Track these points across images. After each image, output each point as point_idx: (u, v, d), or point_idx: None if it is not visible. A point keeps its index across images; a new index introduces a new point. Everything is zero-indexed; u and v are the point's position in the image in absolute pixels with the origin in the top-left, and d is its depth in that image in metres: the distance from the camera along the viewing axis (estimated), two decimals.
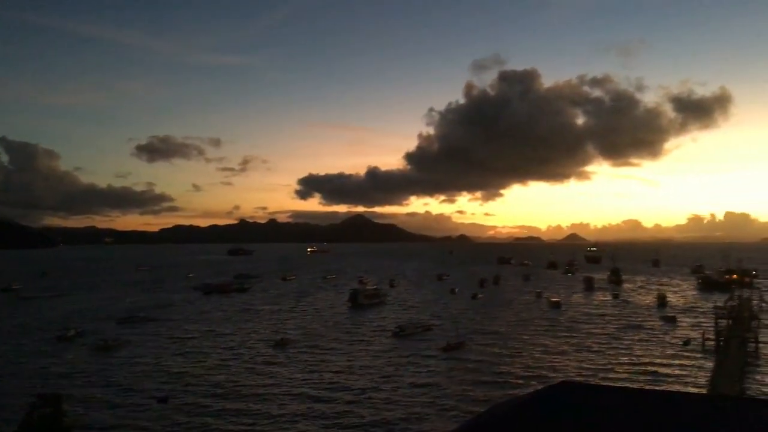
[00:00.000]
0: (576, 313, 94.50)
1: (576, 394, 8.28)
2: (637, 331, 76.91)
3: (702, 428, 7.18)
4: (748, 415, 7.60)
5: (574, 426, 7.34)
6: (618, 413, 7.59)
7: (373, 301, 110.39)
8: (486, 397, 45.03)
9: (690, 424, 7.28)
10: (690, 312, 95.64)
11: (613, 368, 55.64)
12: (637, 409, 7.69)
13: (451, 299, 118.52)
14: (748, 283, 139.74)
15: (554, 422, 7.43)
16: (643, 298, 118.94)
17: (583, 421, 7.42)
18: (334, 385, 50.20)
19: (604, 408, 7.74)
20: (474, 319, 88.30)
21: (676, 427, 7.20)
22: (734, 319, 67.96)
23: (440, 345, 66.60)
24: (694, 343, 66.67)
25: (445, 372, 54.65)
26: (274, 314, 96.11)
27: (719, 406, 8.12)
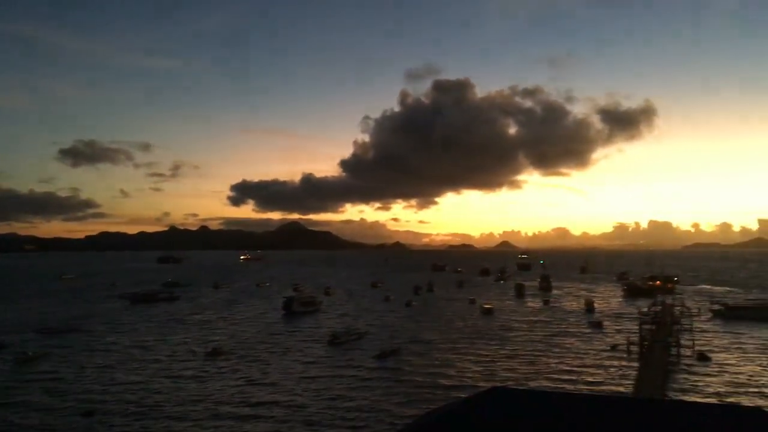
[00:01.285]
0: (508, 320, 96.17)
1: (507, 399, 8.29)
2: (565, 336, 78.81)
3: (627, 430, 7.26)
4: (671, 417, 7.79)
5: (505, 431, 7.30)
6: (548, 417, 7.63)
7: (307, 309, 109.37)
8: (420, 404, 45.02)
9: (616, 426, 7.37)
10: (616, 317, 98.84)
11: (543, 373, 56.75)
12: (566, 413, 7.75)
13: (385, 306, 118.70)
14: (671, 289, 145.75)
15: (485, 428, 7.37)
16: (572, 304, 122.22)
17: (513, 426, 7.40)
18: (266, 397, 49.15)
19: (535, 412, 7.77)
20: (408, 327, 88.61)
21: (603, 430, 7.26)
22: (657, 324, 70.45)
23: (375, 353, 66.42)
24: (619, 347, 68.80)
25: (379, 380, 54.44)
26: (205, 324, 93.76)
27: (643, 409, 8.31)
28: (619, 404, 9.07)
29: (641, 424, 7.47)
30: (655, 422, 7.52)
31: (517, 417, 7.69)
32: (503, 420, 7.55)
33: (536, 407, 8.10)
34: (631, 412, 8.04)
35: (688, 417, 7.85)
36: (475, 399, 8.35)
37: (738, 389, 50.34)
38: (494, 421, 7.53)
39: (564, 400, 9.09)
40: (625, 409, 8.31)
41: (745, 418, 7.60)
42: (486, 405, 8.06)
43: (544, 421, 7.58)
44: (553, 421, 7.60)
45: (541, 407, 8.11)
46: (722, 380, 53.57)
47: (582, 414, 7.81)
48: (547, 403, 8.48)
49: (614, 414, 7.90)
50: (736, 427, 7.28)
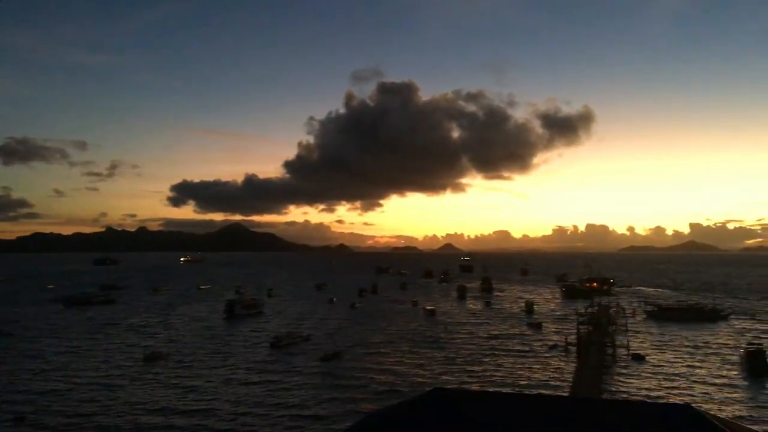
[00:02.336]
0: (450, 321, 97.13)
1: (448, 400, 8.38)
2: (506, 337, 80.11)
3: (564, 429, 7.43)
4: (606, 415, 8.03)
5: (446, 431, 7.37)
6: (487, 417, 7.75)
7: (250, 312, 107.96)
8: (362, 407, 45.03)
9: (554, 425, 7.54)
10: (555, 318, 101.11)
11: (483, 374, 57.53)
12: (506, 413, 7.89)
13: (329, 309, 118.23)
14: (607, 290, 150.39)
15: (425, 429, 7.44)
16: (513, 305, 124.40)
17: (453, 427, 7.48)
18: (205, 404, 48.18)
19: (475, 413, 7.88)
20: (352, 329, 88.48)
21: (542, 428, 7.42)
22: (594, 325, 72.43)
23: (318, 355, 66.06)
24: (558, 348, 70.42)
25: (321, 383, 54.13)
26: (143, 327, 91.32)
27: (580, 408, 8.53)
28: (558, 403, 9.30)
29: (578, 422, 7.67)
30: (591, 421, 7.74)
31: (457, 418, 7.78)
32: (443, 421, 7.62)
33: (476, 408, 8.22)
34: (568, 411, 8.25)
35: (622, 415, 8.11)
36: (416, 400, 8.41)
37: (669, 386, 52.19)
38: (434, 422, 7.60)
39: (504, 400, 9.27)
40: (563, 409, 8.52)
41: (675, 415, 7.89)
42: (426, 406, 8.12)
43: (483, 422, 7.70)
44: (492, 421, 7.73)
45: (481, 408, 8.24)
46: (655, 378, 55.43)
47: (521, 414, 7.97)
48: (487, 403, 8.63)
49: (552, 413, 8.09)
50: (667, 424, 7.55)
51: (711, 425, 7.26)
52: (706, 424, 7.33)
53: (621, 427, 7.52)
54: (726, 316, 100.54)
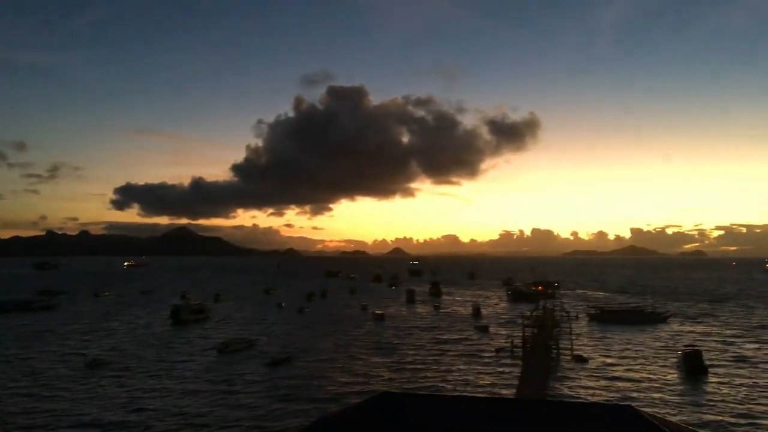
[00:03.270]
0: (399, 325, 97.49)
1: (395, 403, 8.45)
2: (454, 341, 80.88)
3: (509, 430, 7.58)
4: (550, 416, 8.23)
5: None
6: (435, 420, 7.84)
7: (196, 317, 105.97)
8: (310, 412, 44.75)
9: (500, 427, 7.68)
10: (501, 321, 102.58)
11: (431, 378, 57.93)
12: (453, 415, 8.00)
13: (277, 314, 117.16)
14: (552, 294, 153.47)
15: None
16: (460, 309, 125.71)
17: (401, 430, 7.53)
18: (149, 414, 47.04)
19: (422, 416, 7.97)
20: (301, 334, 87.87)
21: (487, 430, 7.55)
22: (539, 328, 73.75)
23: (265, 361, 65.36)
24: (504, 351, 71.46)
25: (269, 389, 53.56)
26: (84, 334, 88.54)
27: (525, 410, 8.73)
28: (503, 405, 9.48)
29: (523, 424, 7.84)
30: (535, 422, 7.93)
31: (405, 421, 7.85)
32: (391, 424, 7.68)
33: (424, 411, 8.31)
34: (513, 413, 8.43)
35: (565, 416, 8.33)
36: (364, 405, 8.45)
37: (611, 387, 53.58)
38: (382, 425, 7.65)
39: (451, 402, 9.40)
40: (508, 410, 8.70)
41: (617, 415, 8.14)
42: (374, 410, 8.17)
43: (430, 425, 7.79)
44: (439, 423, 7.83)
45: (429, 411, 8.33)
46: (597, 379, 56.83)
47: (467, 416, 8.10)
48: (434, 406, 8.73)
49: (498, 415, 8.25)
50: (609, 424, 7.78)
51: (650, 425, 7.52)
52: (645, 424, 7.59)
53: (564, 428, 7.73)
54: (665, 319, 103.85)
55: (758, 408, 46.69)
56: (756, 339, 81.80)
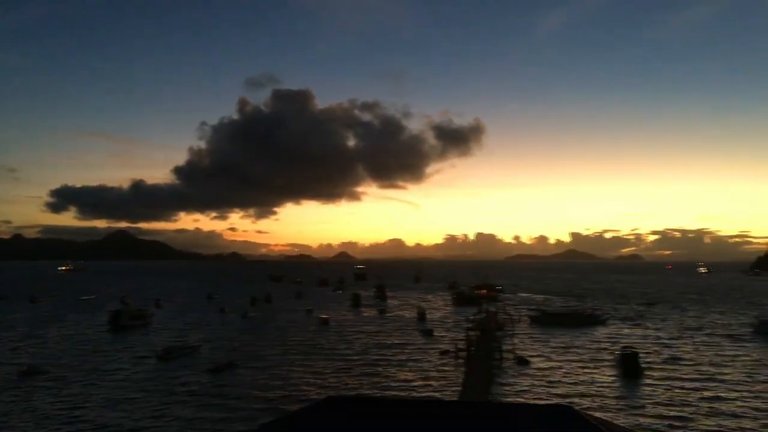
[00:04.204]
0: (344, 330, 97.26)
1: (342, 408, 8.45)
2: (399, 344, 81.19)
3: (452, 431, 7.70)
4: (492, 417, 8.38)
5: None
6: (381, 423, 7.88)
7: (136, 323, 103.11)
8: (255, 418, 44.15)
9: (444, 429, 7.78)
10: (446, 325, 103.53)
11: (377, 381, 58.00)
12: (399, 419, 8.06)
13: (221, 319, 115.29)
14: (495, 297, 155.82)
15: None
16: (406, 313, 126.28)
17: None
18: (86, 425, 45.50)
19: (368, 419, 8.00)
20: (244, 339, 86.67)
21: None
22: (482, 331, 74.73)
23: (208, 367, 64.16)
24: (449, 354, 72.11)
25: (212, 395, 52.58)
26: (18, 341, 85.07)
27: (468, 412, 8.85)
28: (447, 408, 9.61)
29: (466, 425, 7.97)
30: (477, 423, 8.06)
31: (350, 425, 7.88)
32: (337, 429, 7.69)
33: (370, 414, 8.34)
34: (457, 415, 8.54)
35: (507, 417, 8.51)
36: (310, 409, 8.44)
37: (551, 389, 54.72)
38: (328, 430, 7.64)
39: (396, 406, 9.46)
40: (451, 412, 8.81)
41: (556, 415, 8.35)
42: (320, 415, 8.16)
43: (377, 428, 7.83)
44: (385, 426, 7.88)
45: (375, 414, 8.37)
46: (539, 381, 57.96)
47: (413, 419, 8.17)
48: (380, 409, 8.78)
49: (442, 417, 8.36)
50: (548, 424, 7.98)
51: (589, 425, 7.75)
52: (584, 424, 7.82)
53: (505, 429, 7.89)
54: (603, 321, 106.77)
55: (690, 408, 48.47)
56: (689, 340, 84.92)
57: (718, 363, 66.93)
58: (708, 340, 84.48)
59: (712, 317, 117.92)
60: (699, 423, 43.74)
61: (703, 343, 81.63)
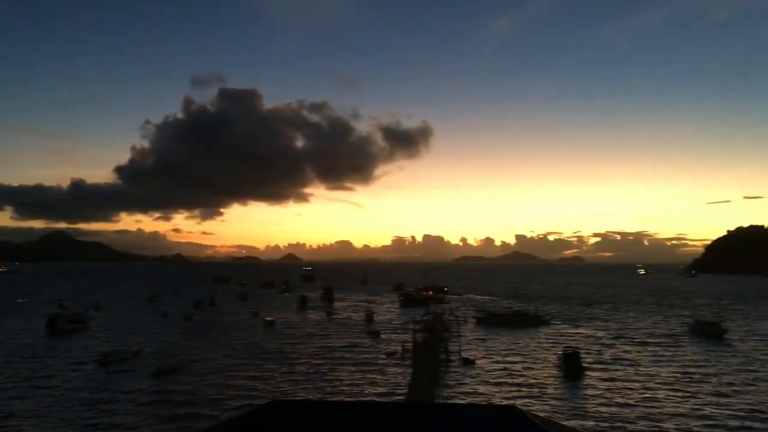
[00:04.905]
0: (291, 332, 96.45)
1: (286, 411, 8.34)
2: (346, 346, 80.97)
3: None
4: (437, 418, 8.37)
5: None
6: (326, 426, 7.77)
7: (75, 327, 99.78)
8: (198, 423, 43.28)
9: (389, 430, 7.71)
10: (393, 326, 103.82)
11: (323, 384, 57.64)
12: (345, 421, 7.95)
13: (163, 322, 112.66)
14: (441, 298, 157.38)
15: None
16: (353, 314, 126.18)
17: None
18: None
19: (312, 422, 7.88)
20: (187, 343, 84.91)
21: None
22: (429, 332, 75.27)
23: (150, 371, 62.59)
24: (396, 355, 72.32)
25: (154, 400, 51.24)
26: None
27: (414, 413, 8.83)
28: (392, 409, 9.55)
29: (411, 427, 7.91)
30: (423, 424, 8.02)
31: (295, 429, 7.73)
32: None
33: (314, 418, 8.22)
34: (402, 416, 8.50)
35: (452, 417, 8.49)
36: (254, 413, 8.25)
37: (496, 389, 55.45)
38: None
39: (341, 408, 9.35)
40: (397, 414, 8.76)
41: (501, 415, 8.38)
42: (265, 418, 8.00)
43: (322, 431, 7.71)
44: (330, 430, 7.76)
45: (320, 417, 8.25)
46: (484, 382, 58.65)
47: (357, 421, 8.07)
48: (325, 412, 8.66)
49: (388, 419, 8.29)
50: (493, 424, 7.99)
51: (532, 424, 7.79)
52: (528, 423, 7.86)
53: (450, 430, 7.86)
54: (547, 321, 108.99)
55: (629, 407, 49.85)
56: (629, 340, 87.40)
57: (656, 362, 69.07)
58: (646, 340, 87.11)
59: (651, 318, 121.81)
60: (638, 421, 44.99)
61: (641, 343, 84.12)
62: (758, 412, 47.09)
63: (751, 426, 42.90)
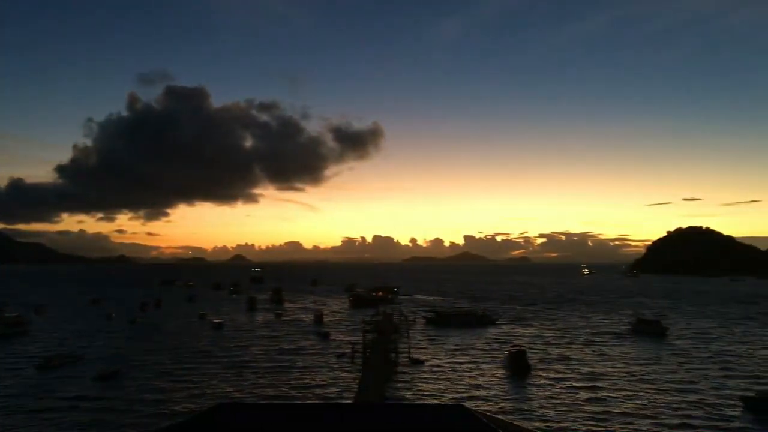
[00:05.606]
0: (238, 334, 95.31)
1: (233, 414, 8.25)
2: (295, 348, 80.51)
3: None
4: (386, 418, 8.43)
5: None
6: (273, 429, 7.73)
7: (13, 331, 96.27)
8: (144, 427, 42.34)
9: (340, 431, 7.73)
10: (343, 327, 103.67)
11: (272, 386, 57.21)
12: (293, 423, 7.93)
13: (107, 325, 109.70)
14: (391, 299, 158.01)
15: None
16: (303, 316, 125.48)
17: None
18: None
19: (261, 425, 7.82)
20: (132, 346, 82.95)
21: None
22: (379, 333, 75.46)
23: (92, 376, 60.91)
24: (345, 356, 72.25)
25: (96, 407, 49.90)
26: None
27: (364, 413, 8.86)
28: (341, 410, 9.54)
29: (360, 427, 7.94)
30: (372, 425, 8.06)
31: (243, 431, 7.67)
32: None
33: (262, 420, 8.16)
34: (351, 417, 8.51)
35: (401, 417, 8.56)
36: (200, 417, 8.14)
37: (445, 388, 56.02)
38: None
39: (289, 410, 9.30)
40: (346, 415, 8.77)
41: (449, 414, 8.49)
42: (211, 421, 7.90)
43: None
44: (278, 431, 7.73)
45: (268, 420, 8.20)
46: (433, 381, 59.19)
47: (306, 423, 8.06)
48: (272, 414, 8.60)
49: (336, 420, 8.29)
50: (441, 423, 8.09)
51: (480, 422, 7.92)
52: (475, 422, 7.99)
53: (400, 429, 7.93)
54: (494, 321, 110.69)
55: (575, 404, 51.07)
56: (574, 338, 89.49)
57: (600, 361, 70.86)
58: (590, 339, 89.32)
59: (594, 316, 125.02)
60: (584, 420, 46.11)
61: (586, 341, 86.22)
62: (698, 409, 48.85)
63: (691, 424, 44.38)
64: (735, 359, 71.43)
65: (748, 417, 45.79)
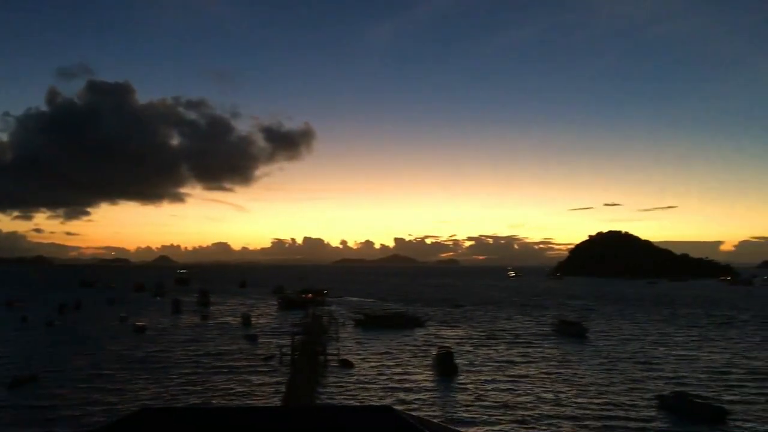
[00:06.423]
0: (163, 338, 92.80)
1: (156, 419, 8.00)
2: (222, 351, 79.05)
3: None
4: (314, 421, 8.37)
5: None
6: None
7: None
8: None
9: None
10: (271, 330, 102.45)
11: (197, 390, 56.04)
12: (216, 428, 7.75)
13: (22, 328, 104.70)
14: (321, 301, 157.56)
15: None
16: (230, 319, 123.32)
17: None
18: None
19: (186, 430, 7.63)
20: (50, 350, 79.48)
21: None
22: (308, 335, 75.06)
23: (5, 382, 57.98)
24: (273, 359, 71.50)
25: (9, 415, 47.53)
26: None
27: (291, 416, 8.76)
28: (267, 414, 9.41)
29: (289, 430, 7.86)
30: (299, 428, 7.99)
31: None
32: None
33: (186, 425, 7.95)
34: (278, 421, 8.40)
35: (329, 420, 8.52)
36: (122, 422, 7.87)
37: (374, 390, 56.21)
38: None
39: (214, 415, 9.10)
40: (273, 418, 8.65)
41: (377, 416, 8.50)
42: (133, 427, 7.66)
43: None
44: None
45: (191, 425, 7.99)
46: (361, 383, 59.31)
47: (233, 427, 7.91)
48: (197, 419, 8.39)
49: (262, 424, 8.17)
50: (369, 426, 8.11)
51: (407, 424, 7.97)
52: (403, 423, 8.03)
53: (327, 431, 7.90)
54: (423, 323, 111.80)
55: (501, 405, 52.22)
56: (500, 340, 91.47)
57: (525, 362, 72.60)
58: (516, 340, 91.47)
59: (520, 318, 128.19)
60: (510, 417, 47.20)
61: (511, 343, 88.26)
62: (617, 410, 50.75)
63: (611, 425, 45.93)
64: (652, 359, 74.61)
65: (663, 416, 47.92)
